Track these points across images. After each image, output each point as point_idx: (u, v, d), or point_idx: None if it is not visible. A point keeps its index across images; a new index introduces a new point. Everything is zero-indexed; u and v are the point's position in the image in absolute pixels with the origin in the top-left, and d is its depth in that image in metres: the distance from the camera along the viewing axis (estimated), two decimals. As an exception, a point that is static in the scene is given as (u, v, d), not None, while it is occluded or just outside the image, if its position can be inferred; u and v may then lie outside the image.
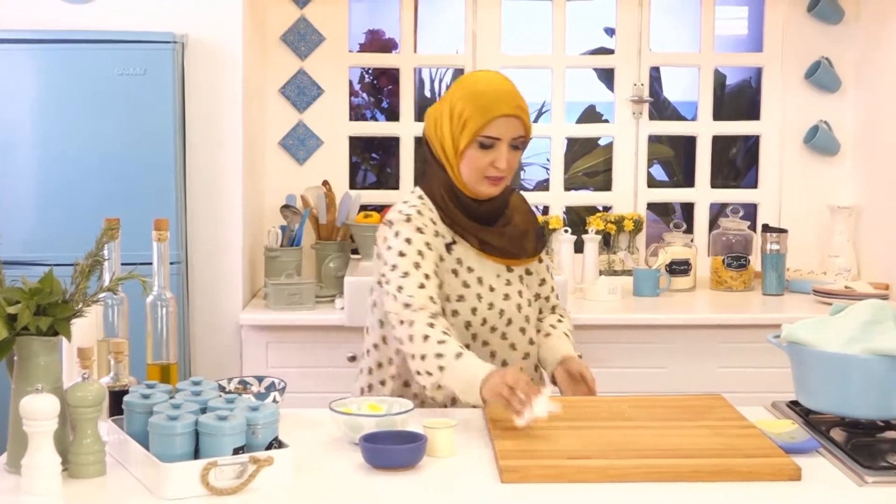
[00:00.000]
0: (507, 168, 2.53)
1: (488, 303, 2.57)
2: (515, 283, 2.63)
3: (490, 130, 2.50)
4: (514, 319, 2.61)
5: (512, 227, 2.64)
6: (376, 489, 1.96)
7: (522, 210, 2.71)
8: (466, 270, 2.57)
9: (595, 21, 5.26)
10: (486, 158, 2.52)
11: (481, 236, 2.58)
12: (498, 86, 2.55)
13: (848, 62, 4.33)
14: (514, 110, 2.51)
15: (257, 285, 4.04)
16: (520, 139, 2.55)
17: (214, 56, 3.66)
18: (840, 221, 4.25)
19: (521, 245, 2.64)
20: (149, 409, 2.02)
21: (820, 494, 1.97)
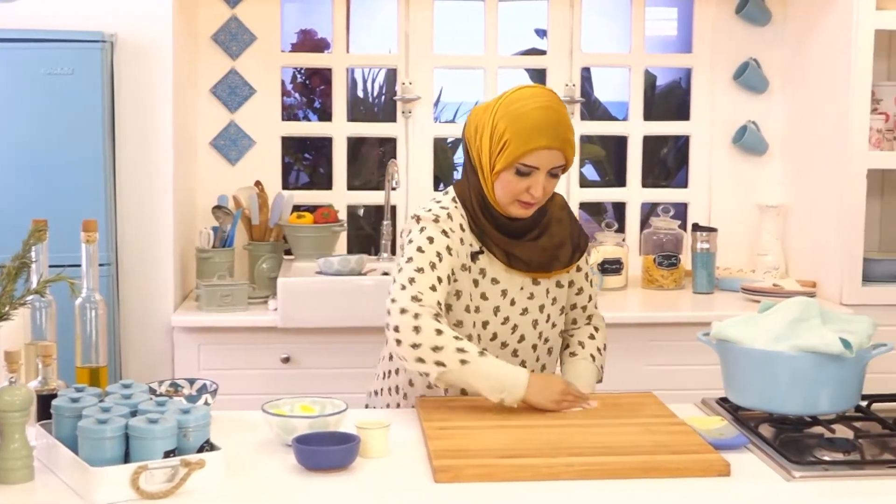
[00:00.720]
0: (543, 195, 2.48)
1: (504, 317, 2.57)
2: (539, 297, 2.61)
3: (529, 160, 2.43)
4: (527, 336, 2.61)
5: (546, 237, 2.59)
6: (309, 491, 1.96)
7: (562, 218, 2.65)
8: (490, 282, 2.56)
9: (527, 22, 5.27)
10: (522, 184, 2.46)
11: (509, 249, 2.55)
12: (544, 113, 2.44)
13: (775, 63, 4.39)
14: (557, 143, 2.43)
15: (189, 287, 4.01)
16: (559, 168, 2.48)
17: (144, 56, 3.63)
18: (768, 220, 4.31)
19: (554, 256, 2.59)
20: (78, 412, 2.00)
21: (749, 490, 1.99)
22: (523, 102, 2.45)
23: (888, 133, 3.95)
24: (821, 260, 4.04)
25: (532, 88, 2.53)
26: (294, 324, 3.61)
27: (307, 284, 3.64)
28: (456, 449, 2.11)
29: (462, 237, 2.52)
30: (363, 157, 5.31)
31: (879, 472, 2.08)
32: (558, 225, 2.62)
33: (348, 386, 3.58)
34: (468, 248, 2.53)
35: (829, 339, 2.22)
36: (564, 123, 2.45)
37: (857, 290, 3.86)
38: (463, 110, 5.90)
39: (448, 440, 2.16)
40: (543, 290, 2.61)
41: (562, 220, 2.64)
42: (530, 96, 2.47)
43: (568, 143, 2.46)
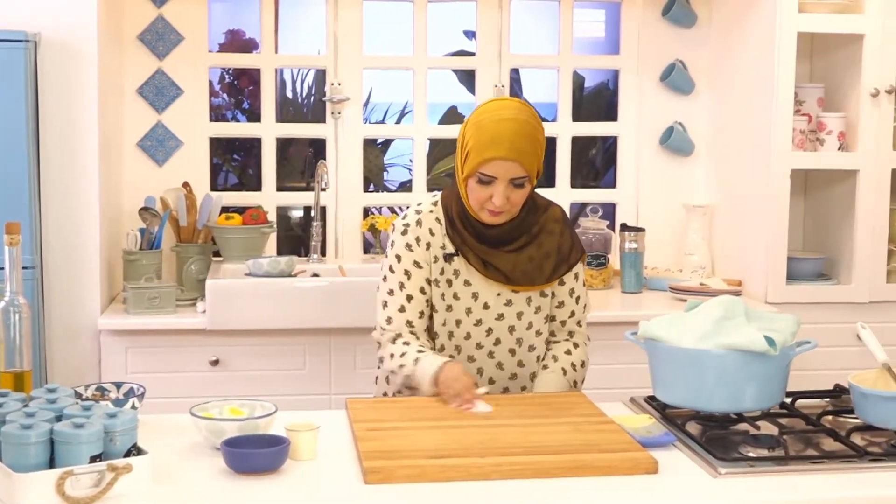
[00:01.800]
0: (509, 204, 2.52)
1: (476, 319, 2.62)
2: (517, 304, 2.64)
3: (486, 169, 2.49)
4: (504, 340, 2.65)
5: (531, 249, 2.62)
6: (238, 494, 1.94)
7: (554, 230, 2.67)
8: (463, 283, 2.61)
9: (456, 23, 5.29)
10: (485, 193, 2.52)
11: (486, 258, 2.59)
12: (503, 125, 2.50)
13: (701, 65, 4.44)
14: (512, 154, 2.47)
15: (116, 289, 3.96)
16: (521, 179, 2.51)
17: (69, 55, 3.58)
18: (695, 220, 4.36)
19: (537, 270, 2.62)
20: (1, 418, 1.96)
21: (676, 486, 2.02)
22: (489, 114, 2.53)
23: (811, 134, 4.02)
24: (746, 259, 4.09)
25: (501, 101, 2.61)
26: (223, 326, 3.58)
27: (236, 286, 3.62)
28: (386, 450, 2.11)
29: (431, 241, 2.61)
30: (292, 158, 5.30)
31: (803, 467, 2.11)
32: (549, 236, 2.66)
33: (278, 388, 3.57)
34: (442, 250, 2.61)
35: (754, 337, 2.25)
36: (524, 135, 2.49)
37: (782, 289, 3.92)
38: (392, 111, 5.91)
39: (378, 441, 2.16)
40: (524, 298, 2.65)
41: (553, 232, 2.67)
42: (496, 108, 2.55)
43: (524, 154, 2.48)
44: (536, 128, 2.54)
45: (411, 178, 4.54)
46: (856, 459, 2.14)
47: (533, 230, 2.64)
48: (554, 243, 2.66)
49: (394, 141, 5.65)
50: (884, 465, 2.12)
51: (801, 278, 4.03)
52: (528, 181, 2.53)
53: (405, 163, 5.55)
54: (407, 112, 5.64)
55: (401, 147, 5.61)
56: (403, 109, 5.76)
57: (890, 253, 4.02)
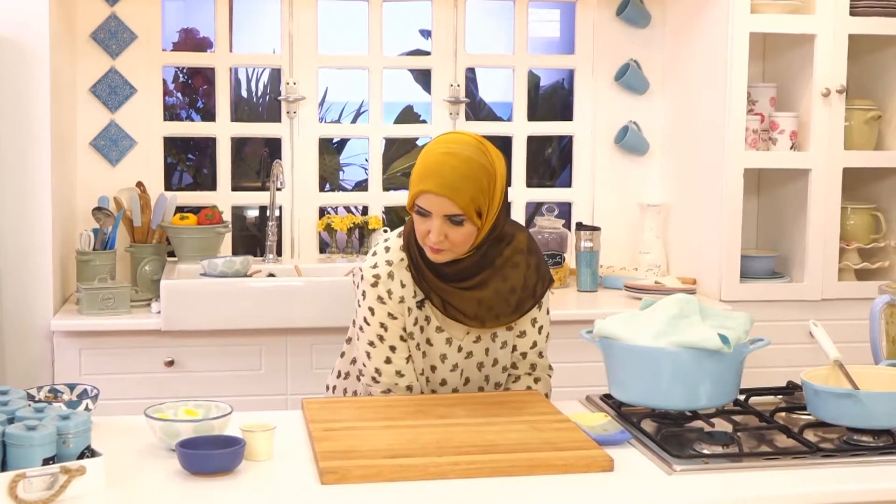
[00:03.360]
0: (448, 242, 2.43)
1: (452, 364, 2.59)
2: (484, 341, 2.60)
3: (419, 201, 2.42)
4: (473, 378, 2.62)
5: (495, 283, 2.53)
6: (194, 496, 1.93)
7: (519, 263, 2.57)
8: (434, 330, 2.56)
9: (411, 22, 5.29)
10: (424, 227, 2.44)
11: (446, 298, 2.52)
12: (439, 158, 2.41)
13: (655, 65, 4.47)
14: (441, 190, 2.38)
15: (69, 290, 3.92)
16: (457, 217, 2.40)
17: (20, 54, 3.54)
18: (650, 219, 4.39)
19: (503, 304, 2.54)
20: (-48, 421, 1.94)
21: (631, 484, 2.03)
22: (435, 146, 2.47)
23: (763, 133, 4.06)
24: (700, 257, 4.12)
25: (455, 135, 2.54)
26: (178, 326, 3.56)
27: (191, 286, 3.60)
28: (342, 450, 2.10)
29: (403, 294, 2.53)
30: (248, 158, 5.27)
31: (757, 464, 2.13)
32: (513, 270, 2.56)
33: (233, 389, 3.55)
34: (411, 301, 2.54)
35: (708, 335, 2.27)
36: (460, 173, 2.39)
37: (735, 287, 3.96)
38: (348, 110, 5.90)
39: (334, 441, 2.15)
40: (489, 334, 2.61)
41: (518, 265, 2.56)
42: (445, 141, 2.48)
43: (458, 192, 2.38)
44: (483, 166, 2.43)
45: (367, 177, 4.53)
46: (808, 456, 2.16)
47: (496, 263, 2.54)
48: (519, 277, 2.56)
49: (349, 140, 5.65)
50: (836, 462, 2.14)
51: (754, 276, 4.06)
52: (469, 220, 2.41)
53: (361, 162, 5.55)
54: (363, 111, 5.64)
55: (356, 147, 5.61)
56: (359, 109, 5.75)
57: (841, 251, 4.07)
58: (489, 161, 2.46)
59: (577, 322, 3.43)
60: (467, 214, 2.41)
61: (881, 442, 2.23)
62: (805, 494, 2.02)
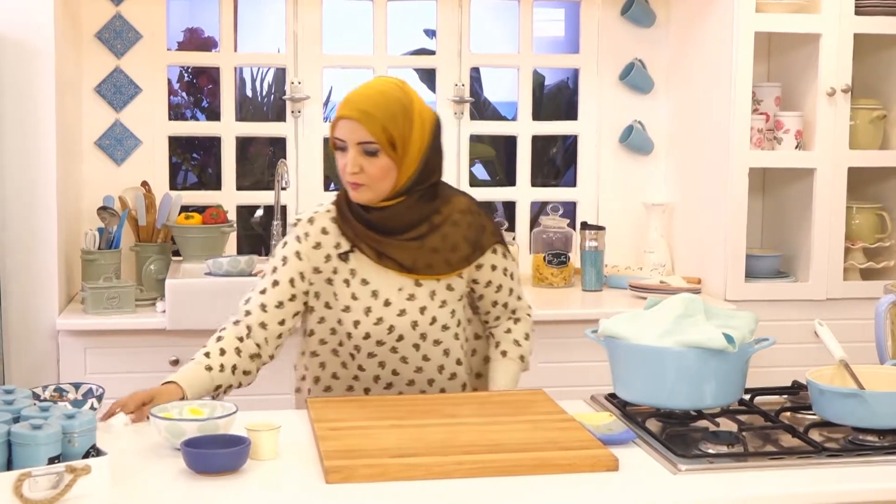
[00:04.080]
0: (365, 174, 2.44)
1: (377, 317, 2.54)
2: (421, 299, 2.55)
3: (336, 132, 2.47)
4: (407, 336, 2.56)
5: (433, 239, 2.54)
6: (199, 495, 1.94)
7: (459, 222, 2.58)
8: (360, 282, 2.55)
9: (416, 22, 5.29)
10: (341, 161, 2.47)
11: (379, 247, 2.53)
12: (357, 89, 2.49)
13: (660, 64, 4.47)
14: (353, 113, 2.43)
15: (74, 289, 3.93)
16: (370, 144, 2.43)
17: (25, 53, 3.54)
18: (654, 218, 4.38)
19: (443, 262, 2.54)
20: (-42, 420, 1.94)
21: (636, 483, 2.03)
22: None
23: (768, 133, 4.06)
24: (705, 257, 4.12)
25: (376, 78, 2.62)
26: (183, 326, 3.56)
27: (196, 286, 3.60)
28: (347, 449, 2.10)
29: (321, 241, 2.55)
30: (252, 157, 5.27)
31: (762, 463, 2.13)
32: (453, 227, 2.57)
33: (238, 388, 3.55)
34: (334, 249, 2.55)
35: (713, 334, 2.26)
36: (373, 101, 2.45)
37: (741, 286, 3.95)
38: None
39: (339, 440, 2.15)
40: (427, 292, 2.56)
41: (458, 224, 2.58)
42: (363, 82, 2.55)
43: (370, 117, 2.42)
44: (399, 100, 2.47)
45: (372, 176, 4.52)
46: (814, 455, 2.16)
47: (434, 220, 2.56)
48: (460, 234, 2.57)
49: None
50: (841, 461, 2.14)
51: (759, 276, 4.06)
52: (383, 151, 2.44)
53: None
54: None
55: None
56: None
57: (846, 250, 4.07)
58: (406, 97, 2.50)
59: (582, 321, 3.42)
60: (380, 143, 2.43)
61: (886, 442, 2.22)
62: (810, 494, 2.02)
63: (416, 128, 2.49)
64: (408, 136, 2.48)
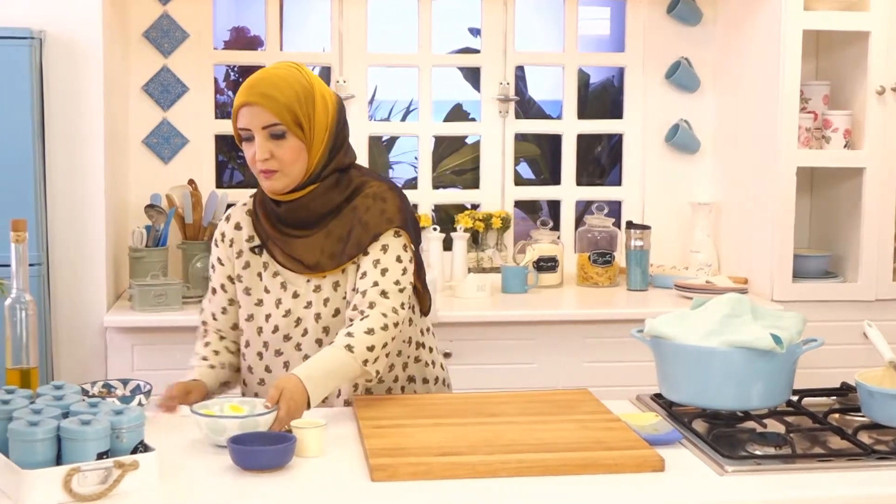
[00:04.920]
0: (275, 160, 2.37)
1: (286, 309, 2.50)
2: (325, 290, 2.48)
3: (239, 122, 2.40)
4: (310, 330, 2.50)
5: (335, 230, 2.45)
6: (245, 491, 1.94)
7: (359, 206, 2.46)
8: (271, 275, 2.52)
9: (460, 21, 5.29)
10: (250, 151, 2.40)
11: (285, 247, 2.48)
12: (255, 75, 2.41)
13: (706, 62, 4.44)
14: (254, 98, 2.36)
15: (122, 287, 3.96)
16: (275, 126, 2.36)
17: (74, 53, 3.58)
18: (701, 218, 4.36)
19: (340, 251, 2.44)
20: (8, 415, 1.96)
21: (683, 484, 2.01)
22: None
23: (816, 132, 4.02)
24: (752, 257, 4.09)
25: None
26: (228, 323, 3.57)
27: (242, 284, 3.61)
28: (392, 447, 2.10)
29: (235, 236, 2.55)
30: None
31: (810, 465, 2.11)
32: (352, 213, 2.46)
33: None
34: (246, 243, 2.54)
35: (761, 334, 2.25)
36: (269, 82, 2.38)
37: (788, 287, 3.92)
38: (398, 108, 5.91)
39: (384, 438, 2.16)
40: (331, 283, 2.48)
41: (357, 208, 2.46)
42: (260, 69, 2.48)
43: (270, 99, 2.35)
44: (298, 80, 2.40)
45: (416, 175, 4.54)
46: (863, 458, 2.14)
47: (343, 209, 2.47)
48: (356, 218, 2.45)
49: (399, 138, 5.66)
50: (891, 464, 2.12)
51: (807, 276, 4.02)
52: (290, 133, 2.37)
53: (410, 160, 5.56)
54: (412, 109, 5.64)
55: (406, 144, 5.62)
56: (408, 107, 5.76)
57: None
58: (305, 78, 2.43)
59: (627, 321, 3.40)
60: (285, 123, 2.36)
61: (937, 444, 2.20)
62: (859, 497, 1.99)
63: (318, 106, 2.42)
64: (312, 114, 2.41)
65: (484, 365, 3.73)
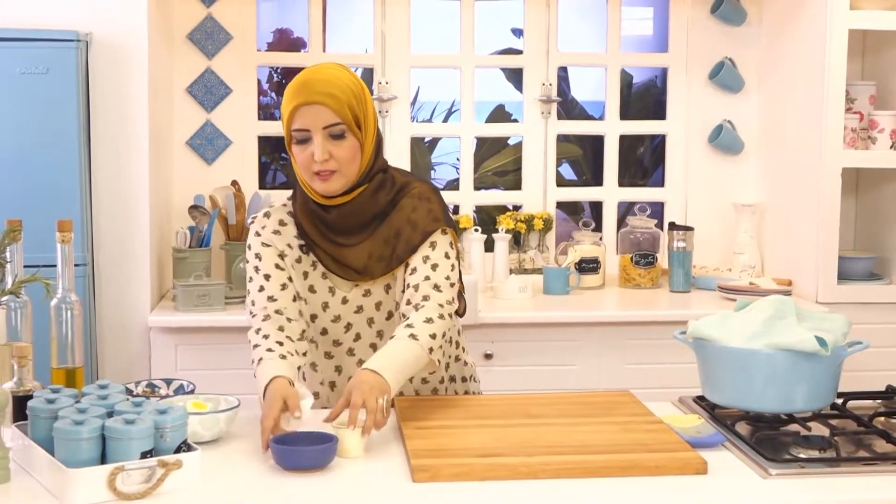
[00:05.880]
0: (334, 160, 2.33)
1: (334, 315, 2.48)
2: (376, 294, 2.48)
3: (296, 122, 2.34)
4: (364, 335, 2.50)
5: (382, 232, 2.43)
6: (287, 491, 1.95)
7: (405, 207, 2.45)
8: (320, 276, 2.48)
9: (503, 21, 5.28)
10: (306, 153, 2.35)
11: (334, 254, 2.44)
12: (309, 75, 2.35)
13: (750, 63, 4.41)
14: (313, 97, 2.31)
15: (165, 287, 3.99)
16: (336, 126, 2.32)
17: (119, 55, 3.61)
18: (744, 219, 4.33)
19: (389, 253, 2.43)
20: (54, 414, 1.99)
21: (726, 487, 2.00)
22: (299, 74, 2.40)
23: (862, 132, 3.98)
24: (796, 258, 4.06)
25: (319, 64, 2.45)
26: (271, 324, 3.59)
27: (284, 284, 3.62)
28: (434, 448, 2.11)
29: (279, 230, 2.47)
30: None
31: (855, 469, 2.09)
32: (398, 213, 2.45)
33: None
34: (293, 240, 2.47)
35: (805, 337, 2.23)
36: (328, 81, 2.33)
37: (833, 289, 3.88)
38: (440, 109, 5.91)
39: (426, 440, 2.16)
40: (381, 287, 2.48)
41: (404, 208, 2.45)
42: (311, 67, 2.41)
43: (331, 97, 2.31)
44: (352, 80, 2.37)
45: (458, 176, 4.54)
46: (909, 461, 2.12)
47: (387, 211, 2.44)
48: (403, 218, 2.44)
49: (441, 139, 5.65)
50: (937, 468, 2.09)
51: (852, 278, 3.99)
52: (349, 132, 2.33)
53: (452, 161, 5.55)
54: (454, 110, 5.64)
55: (448, 146, 5.61)
56: (451, 108, 5.76)
57: (943, 252, 3.98)
58: (353, 76, 2.40)
59: (670, 323, 3.39)
60: (346, 122, 2.33)
61: (985, 449, 2.17)
62: (905, 501, 1.98)
63: (370, 106, 2.41)
64: (366, 113, 2.39)
65: (525, 366, 3.72)
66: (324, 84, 2.32)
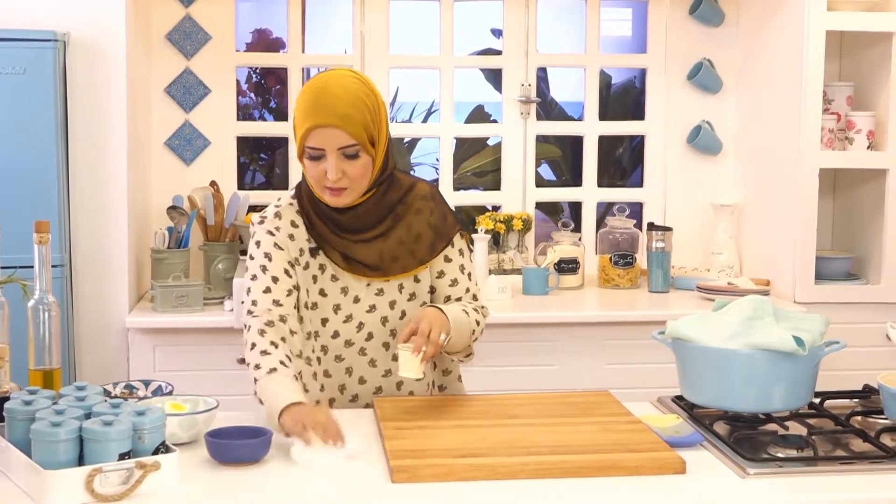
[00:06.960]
0: (347, 179, 2.34)
1: (346, 315, 2.48)
2: (389, 293, 2.49)
3: (310, 142, 2.32)
4: (376, 334, 2.50)
5: (399, 231, 2.46)
6: (266, 491, 1.95)
7: (422, 209, 2.50)
8: (330, 279, 2.47)
9: (482, 22, 5.29)
10: (319, 169, 2.34)
11: (346, 251, 2.44)
12: (316, 92, 2.32)
13: (729, 63, 4.42)
14: (332, 120, 2.29)
15: (144, 288, 3.98)
16: (351, 147, 2.32)
17: (97, 55, 3.60)
18: (723, 219, 4.34)
19: (409, 254, 2.46)
20: (31, 415, 1.97)
21: (704, 487, 2.01)
22: (311, 83, 2.36)
23: (839, 133, 4.00)
24: (774, 258, 4.07)
25: (332, 71, 2.40)
26: (250, 324, 3.58)
27: (263, 285, 3.62)
28: (413, 449, 2.10)
29: (293, 233, 2.45)
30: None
31: (832, 468, 2.10)
32: (417, 216, 2.49)
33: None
34: (304, 243, 2.46)
35: (783, 336, 2.24)
36: (346, 101, 2.31)
37: (810, 289, 3.90)
38: (419, 110, 5.91)
39: (405, 440, 2.16)
40: (395, 286, 2.49)
41: (421, 211, 2.49)
42: (322, 78, 2.37)
43: (348, 120, 2.29)
44: (368, 94, 2.35)
45: (438, 176, 4.54)
46: (885, 460, 2.12)
47: (398, 210, 2.47)
48: (423, 222, 2.48)
49: (420, 140, 5.66)
50: (914, 467, 2.11)
51: (829, 278, 4.00)
52: (363, 151, 2.33)
53: (432, 161, 5.56)
54: (433, 111, 5.65)
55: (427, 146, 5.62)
56: (430, 108, 5.77)
57: (920, 253, 3.99)
58: (368, 87, 2.38)
59: (649, 323, 3.40)
60: (361, 143, 2.32)
61: (961, 447, 2.18)
62: (881, 499, 1.98)
63: (384, 117, 2.40)
64: (381, 128, 2.39)
65: (505, 367, 3.73)
66: (340, 104, 2.30)
